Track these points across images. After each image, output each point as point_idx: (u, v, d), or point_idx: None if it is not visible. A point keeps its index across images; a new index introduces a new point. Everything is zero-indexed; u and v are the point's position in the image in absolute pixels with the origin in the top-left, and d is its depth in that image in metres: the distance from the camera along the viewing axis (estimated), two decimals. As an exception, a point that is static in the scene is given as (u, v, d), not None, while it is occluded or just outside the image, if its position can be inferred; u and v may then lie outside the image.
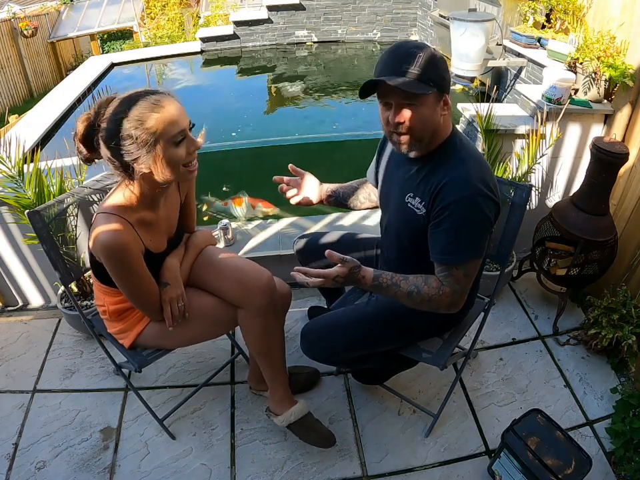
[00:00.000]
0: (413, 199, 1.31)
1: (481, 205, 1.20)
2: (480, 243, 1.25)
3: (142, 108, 1.15)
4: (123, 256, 1.27)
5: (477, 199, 1.20)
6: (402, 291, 1.29)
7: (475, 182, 1.20)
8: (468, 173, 1.21)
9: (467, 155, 1.25)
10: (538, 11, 2.93)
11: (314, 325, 1.55)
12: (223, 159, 3.25)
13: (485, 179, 1.23)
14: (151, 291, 1.39)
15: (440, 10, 4.17)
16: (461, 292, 1.29)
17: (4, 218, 2.07)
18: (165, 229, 1.44)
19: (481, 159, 1.29)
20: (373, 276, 1.29)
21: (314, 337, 1.50)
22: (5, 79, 8.14)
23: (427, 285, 1.28)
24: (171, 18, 8.07)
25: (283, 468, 1.63)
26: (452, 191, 1.21)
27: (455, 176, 1.22)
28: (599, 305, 1.97)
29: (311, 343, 1.50)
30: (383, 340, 1.51)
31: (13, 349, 2.10)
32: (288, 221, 2.53)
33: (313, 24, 5.33)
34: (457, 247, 1.24)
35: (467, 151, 1.27)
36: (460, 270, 1.25)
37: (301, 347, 1.52)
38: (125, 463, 1.66)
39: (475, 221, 1.22)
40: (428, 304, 1.29)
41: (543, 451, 1.43)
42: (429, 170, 1.28)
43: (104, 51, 10.27)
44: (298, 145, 3.18)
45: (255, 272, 1.48)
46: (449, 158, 1.26)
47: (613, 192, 1.99)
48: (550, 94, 2.15)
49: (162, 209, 1.39)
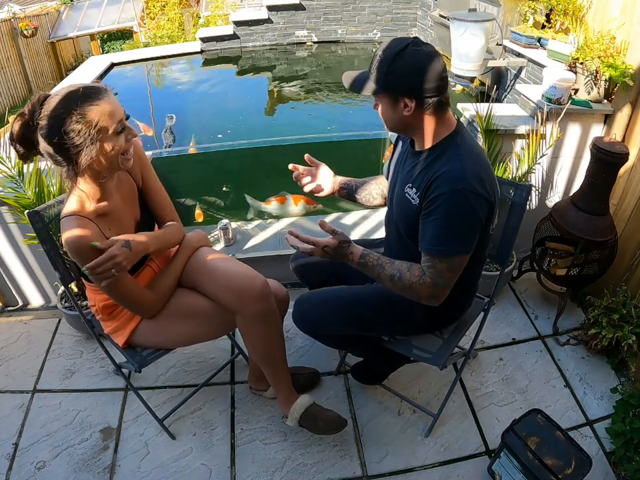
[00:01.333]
0: (411, 189, 1.32)
1: (470, 201, 1.20)
2: (467, 239, 1.25)
3: (81, 102, 1.18)
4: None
5: (468, 194, 1.20)
6: (385, 273, 1.31)
7: (469, 178, 1.20)
8: (463, 168, 1.22)
9: (465, 152, 1.26)
10: (538, 11, 2.93)
11: (310, 295, 1.57)
12: (223, 158, 3.25)
13: (481, 176, 1.23)
14: (127, 283, 1.37)
15: (440, 10, 4.17)
16: (444, 285, 1.28)
17: (4, 218, 2.07)
18: (125, 217, 1.43)
19: (480, 157, 1.29)
20: (361, 254, 1.33)
21: (307, 305, 1.52)
22: (5, 79, 8.12)
23: (410, 271, 1.30)
24: (171, 18, 8.06)
25: (282, 468, 1.63)
26: (444, 182, 1.22)
27: (450, 169, 1.22)
28: (598, 304, 1.97)
29: (302, 311, 1.52)
30: (375, 325, 1.51)
31: (13, 349, 2.10)
32: (288, 221, 2.53)
33: (313, 24, 5.33)
34: (442, 239, 1.24)
35: (467, 147, 1.27)
36: (444, 263, 1.25)
37: (292, 315, 1.53)
38: (125, 463, 1.66)
39: (463, 215, 1.22)
40: (409, 291, 1.30)
41: (543, 450, 1.43)
42: (428, 163, 1.29)
43: (104, 50, 10.26)
44: (298, 145, 3.17)
45: (248, 279, 1.47)
46: (448, 153, 1.26)
47: (613, 192, 1.99)
48: (550, 94, 2.15)
49: (115, 196, 1.39)
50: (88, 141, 1.18)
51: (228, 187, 3.10)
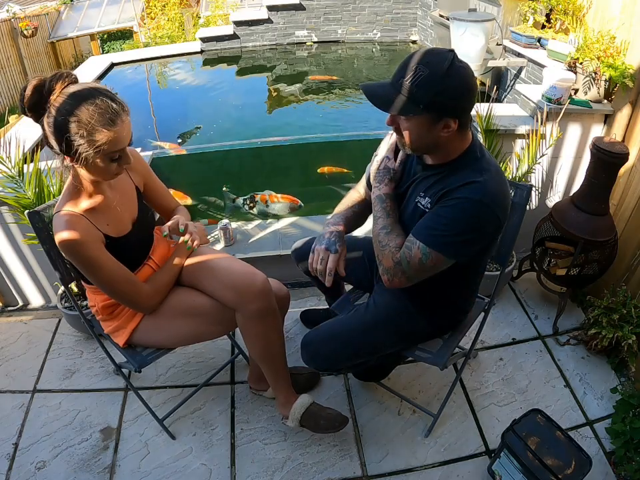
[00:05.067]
0: (423, 198, 1.28)
1: (481, 215, 1.16)
2: (459, 247, 1.20)
3: (95, 118, 1.16)
4: (82, 250, 1.28)
5: (483, 208, 1.15)
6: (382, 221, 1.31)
7: (490, 192, 1.16)
8: (486, 181, 1.17)
9: (487, 165, 1.21)
10: (538, 11, 2.93)
11: (313, 336, 1.53)
12: (224, 158, 3.25)
13: (502, 194, 1.18)
14: (123, 279, 1.37)
15: (440, 10, 4.17)
16: (404, 272, 1.23)
17: (4, 218, 2.07)
18: (123, 213, 1.43)
19: (501, 174, 1.23)
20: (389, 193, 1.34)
21: (313, 348, 1.49)
22: (5, 79, 8.12)
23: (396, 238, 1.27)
24: (171, 18, 8.06)
25: (282, 468, 1.63)
26: (465, 190, 1.17)
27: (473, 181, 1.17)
28: (599, 304, 1.97)
29: (311, 354, 1.49)
30: (383, 346, 1.50)
31: (13, 349, 2.10)
32: (288, 221, 2.53)
33: (313, 24, 5.33)
34: (436, 232, 1.18)
35: (487, 160, 1.23)
36: (420, 252, 1.19)
37: (302, 358, 1.51)
38: (125, 463, 1.66)
39: (468, 225, 1.17)
40: (380, 251, 1.28)
41: (543, 450, 1.43)
42: (445, 174, 1.24)
43: (104, 51, 10.25)
44: (298, 145, 3.17)
45: (249, 276, 1.47)
46: (469, 166, 1.21)
47: (613, 192, 1.99)
48: (550, 94, 2.15)
49: (109, 192, 1.40)
50: (84, 153, 1.19)
51: (228, 187, 3.10)
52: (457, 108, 1.12)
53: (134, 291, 1.41)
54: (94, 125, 1.16)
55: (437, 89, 1.08)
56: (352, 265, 1.68)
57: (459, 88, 1.10)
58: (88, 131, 1.16)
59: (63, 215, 1.29)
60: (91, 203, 1.34)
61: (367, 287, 1.68)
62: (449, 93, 1.09)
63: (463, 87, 1.10)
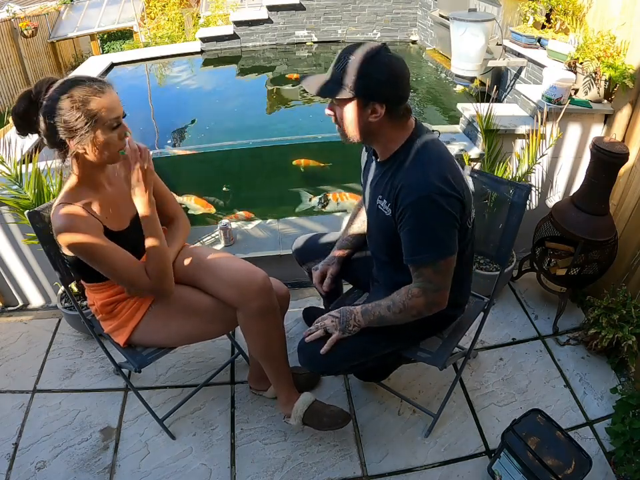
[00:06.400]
0: (382, 200, 1.32)
1: (439, 202, 1.20)
2: (446, 240, 1.25)
3: (85, 91, 1.23)
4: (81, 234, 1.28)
5: (435, 197, 1.19)
6: (383, 308, 1.35)
7: (432, 180, 1.20)
8: (425, 172, 1.22)
9: (425, 156, 1.25)
10: (538, 11, 2.93)
11: None
12: (224, 158, 3.25)
13: (445, 176, 1.22)
14: (126, 261, 1.36)
15: (440, 10, 4.17)
16: (436, 289, 1.29)
17: (4, 218, 2.07)
18: (120, 208, 1.43)
19: (441, 157, 1.27)
20: (360, 308, 1.40)
21: (310, 351, 1.49)
22: (5, 79, 8.12)
23: (398, 294, 1.33)
24: (171, 18, 8.05)
25: (282, 468, 1.63)
26: (409, 192, 1.22)
27: (412, 177, 1.23)
28: (598, 305, 1.97)
29: (307, 358, 1.49)
30: (379, 349, 1.50)
31: (13, 349, 2.10)
32: (288, 221, 2.53)
33: (313, 24, 5.32)
34: (421, 246, 1.25)
35: (427, 150, 1.26)
36: (429, 268, 1.26)
37: (299, 361, 1.51)
38: (125, 463, 1.66)
39: (436, 219, 1.22)
40: (408, 312, 1.32)
41: (543, 451, 1.43)
42: (392, 173, 1.29)
43: (104, 50, 10.25)
44: (298, 145, 3.17)
45: (249, 273, 1.47)
46: (408, 160, 1.26)
47: (613, 192, 1.99)
48: (550, 94, 2.15)
49: (108, 188, 1.41)
50: (83, 128, 1.22)
51: (227, 187, 3.10)
52: (382, 93, 1.19)
53: (137, 271, 1.38)
54: (86, 96, 1.21)
55: (360, 73, 1.16)
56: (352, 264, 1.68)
57: (384, 74, 1.17)
58: (82, 102, 1.21)
59: (60, 205, 1.30)
60: (90, 197, 1.35)
61: (366, 286, 1.68)
62: (372, 77, 1.16)
63: (388, 73, 1.17)
